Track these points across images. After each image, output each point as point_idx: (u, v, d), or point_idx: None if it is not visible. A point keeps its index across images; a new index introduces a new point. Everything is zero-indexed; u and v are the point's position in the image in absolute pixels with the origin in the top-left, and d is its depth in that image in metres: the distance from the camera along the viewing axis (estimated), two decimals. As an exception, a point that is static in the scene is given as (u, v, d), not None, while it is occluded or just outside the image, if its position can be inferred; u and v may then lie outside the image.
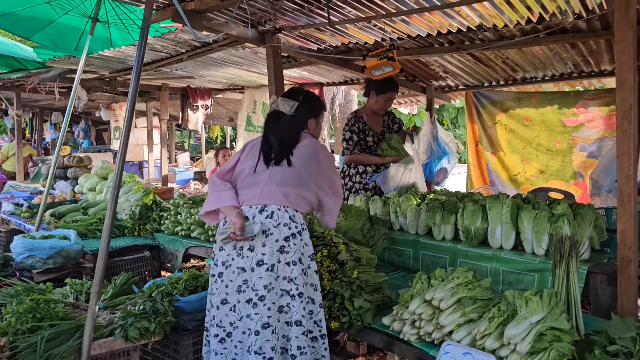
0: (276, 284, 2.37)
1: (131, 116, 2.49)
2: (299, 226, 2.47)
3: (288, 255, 2.40)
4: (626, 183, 2.34)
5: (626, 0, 2.28)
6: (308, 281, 2.43)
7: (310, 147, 2.68)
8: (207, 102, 8.37)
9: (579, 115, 5.89)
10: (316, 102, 2.91)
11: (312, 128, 2.82)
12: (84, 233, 4.69)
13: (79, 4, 5.12)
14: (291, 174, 2.54)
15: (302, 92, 2.88)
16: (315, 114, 2.84)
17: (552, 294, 2.03)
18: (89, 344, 2.40)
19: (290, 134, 2.69)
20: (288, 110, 2.68)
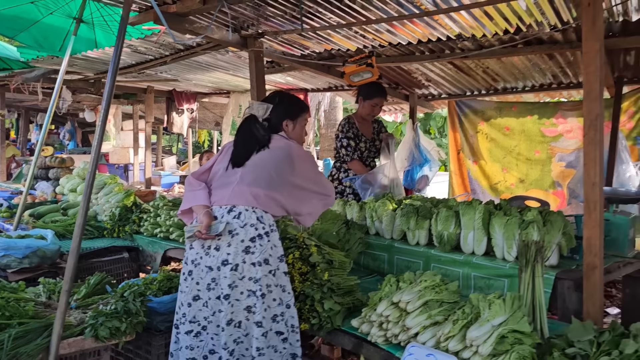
0: (241, 283, 2.37)
1: (105, 116, 2.50)
2: (266, 227, 2.45)
3: (254, 256, 2.38)
4: (592, 191, 2.38)
5: (593, 14, 2.34)
6: (277, 282, 2.42)
7: (282, 149, 2.64)
8: (192, 106, 8.38)
9: (558, 126, 5.99)
10: (293, 103, 2.85)
11: (290, 130, 2.76)
12: (62, 234, 4.66)
13: (63, 5, 5.11)
14: (262, 176, 2.53)
15: (279, 94, 2.88)
16: (291, 115, 2.76)
17: (514, 298, 2.07)
18: (57, 342, 2.39)
19: (254, 136, 2.66)
20: (262, 114, 2.68)
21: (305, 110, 2.89)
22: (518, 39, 3.95)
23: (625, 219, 3.10)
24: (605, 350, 1.81)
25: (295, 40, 4.49)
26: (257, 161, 2.59)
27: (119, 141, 12.08)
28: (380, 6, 3.44)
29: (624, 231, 3.10)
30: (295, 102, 2.89)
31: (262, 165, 2.56)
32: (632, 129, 5.55)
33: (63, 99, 7.47)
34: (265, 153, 2.61)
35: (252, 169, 2.56)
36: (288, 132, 2.76)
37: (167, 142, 22.79)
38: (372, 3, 3.40)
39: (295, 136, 2.79)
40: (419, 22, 3.82)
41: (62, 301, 2.41)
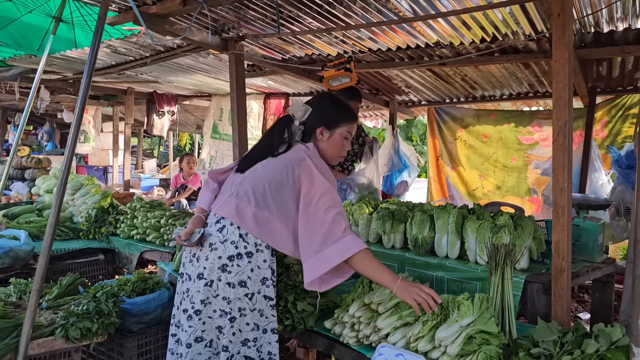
0: (215, 301, 2.19)
1: (81, 115, 2.49)
2: (249, 247, 2.17)
3: (230, 276, 2.16)
4: (560, 196, 2.44)
5: (563, 23, 2.40)
6: (254, 307, 2.18)
7: (293, 161, 2.20)
8: (173, 108, 8.33)
9: (534, 134, 6.12)
10: (334, 108, 2.39)
11: (324, 140, 2.33)
12: (36, 234, 4.59)
13: (42, 4, 5.06)
14: (256, 189, 2.20)
15: (322, 95, 2.52)
16: (328, 122, 2.33)
17: (482, 299, 2.11)
18: (26, 342, 2.36)
19: (270, 139, 2.33)
20: (300, 116, 2.33)
21: (349, 120, 2.39)
22: (494, 48, 4.03)
23: (595, 225, 3.17)
24: (568, 350, 1.86)
25: (277, 44, 4.52)
26: (261, 169, 2.26)
27: (99, 143, 11.92)
28: (361, 13, 3.49)
29: (593, 237, 3.16)
30: (338, 107, 2.41)
31: (261, 176, 2.23)
32: (605, 138, 5.69)
33: (41, 99, 7.37)
34: (271, 161, 2.26)
35: (251, 179, 2.26)
36: (321, 142, 2.34)
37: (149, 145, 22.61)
38: (352, 10, 3.45)
39: (327, 148, 2.34)
40: (399, 29, 3.88)
41: (32, 301, 2.38)
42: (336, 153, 2.38)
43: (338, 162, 2.49)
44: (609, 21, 3.52)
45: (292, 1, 3.36)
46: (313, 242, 2.11)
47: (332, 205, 2.13)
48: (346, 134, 2.37)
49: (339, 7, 3.41)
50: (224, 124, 8.06)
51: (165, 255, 4.11)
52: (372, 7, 3.37)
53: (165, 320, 3.04)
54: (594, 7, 3.23)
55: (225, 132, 8.06)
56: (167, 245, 4.17)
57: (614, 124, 5.66)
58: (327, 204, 2.12)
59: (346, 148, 2.40)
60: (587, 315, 4.58)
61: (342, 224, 2.11)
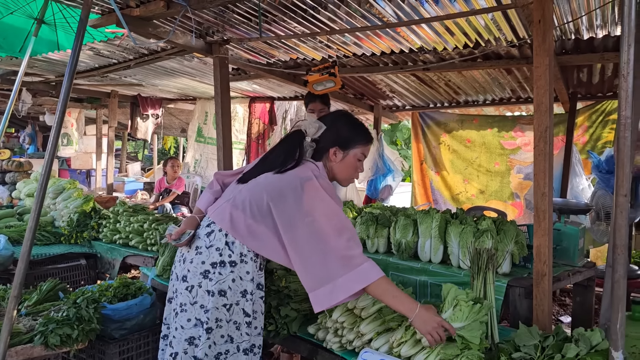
0: (191, 308, 2.12)
1: (62, 116, 2.46)
2: (234, 256, 2.11)
3: (210, 283, 2.10)
4: (542, 200, 2.47)
5: (543, 30, 2.43)
6: (231, 318, 2.12)
7: (297, 178, 2.10)
8: (157, 112, 8.28)
9: (517, 139, 6.19)
10: (350, 129, 2.29)
11: (336, 161, 2.24)
12: (17, 239, 4.51)
13: (24, 5, 5.00)
14: (254, 199, 2.13)
15: (337, 114, 2.42)
16: (340, 142, 2.24)
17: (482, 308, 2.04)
18: (4, 350, 2.32)
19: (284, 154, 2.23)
20: (312, 133, 2.25)
21: (364, 141, 2.30)
22: (477, 53, 4.08)
23: (576, 229, 3.21)
24: (549, 354, 1.88)
25: (261, 48, 4.52)
26: (261, 182, 2.18)
27: (82, 146, 11.77)
28: (346, 18, 3.51)
29: (574, 241, 3.20)
30: (350, 126, 2.31)
31: (261, 189, 2.14)
32: (586, 143, 5.78)
33: (23, 102, 7.26)
34: (276, 176, 2.16)
35: (251, 189, 2.18)
36: (333, 163, 2.26)
37: (133, 148, 22.38)
38: (337, 15, 3.46)
39: (339, 170, 2.27)
40: (383, 34, 3.90)
41: (10, 307, 2.34)
42: (349, 175, 2.30)
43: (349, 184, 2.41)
44: (589, 28, 3.58)
45: (277, 5, 3.36)
46: (325, 268, 1.97)
47: (343, 228, 2.03)
48: (360, 155, 2.28)
49: (323, 12, 3.42)
50: (209, 127, 8.02)
51: (148, 260, 4.07)
52: (356, 12, 3.38)
53: (147, 326, 3.01)
54: (574, 15, 3.29)
55: (210, 135, 8.02)
56: (151, 250, 4.13)
57: (595, 129, 5.75)
58: (336, 226, 2.02)
59: (359, 170, 2.33)
60: (568, 319, 4.63)
61: (357, 249, 2.01)
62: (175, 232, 2.25)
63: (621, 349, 1.68)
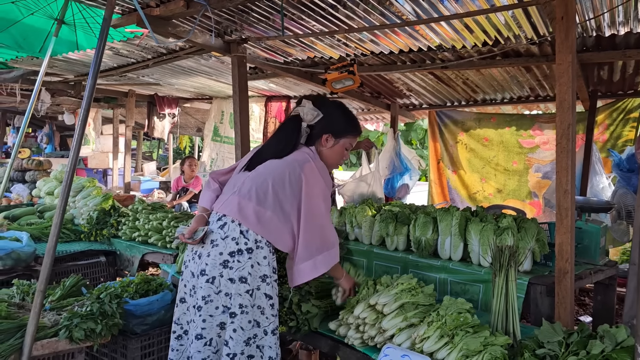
0: (217, 297, 2.22)
1: (86, 117, 2.49)
2: (249, 243, 2.23)
3: (232, 271, 2.21)
4: (564, 198, 2.45)
5: (566, 26, 2.42)
6: (255, 303, 2.23)
7: (296, 163, 2.31)
8: (174, 111, 8.34)
9: (535, 138, 6.13)
10: (342, 119, 2.49)
11: (327, 146, 2.44)
12: (38, 236, 4.60)
13: (45, 6, 5.07)
14: (259, 186, 2.28)
15: (334, 104, 2.58)
16: (335, 131, 2.44)
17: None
18: (30, 343, 2.36)
19: (285, 140, 2.41)
20: (309, 119, 2.42)
21: (353, 132, 2.52)
22: (496, 51, 4.04)
23: (597, 228, 3.18)
24: (573, 351, 1.86)
25: (279, 47, 4.53)
26: (264, 169, 2.34)
27: (99, 145, 11.93)
28: (364, 16, 3.50)
29: (595, 239, 3.18)
30: (345, 117, 2.52)
31: (265, 175, 2.31)
32: (606, 142, 5.70)
33: (42, 101, 7.37)
34: (275, 162, 2.34)
35: (254, 178, 2.33)
36: (323, 148, 2.45)
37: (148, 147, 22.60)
38: (355, 12, 3.46)
39: (328, 155, 2.47)
40: (401, 32, 3.89)
41: (37, 301, 2.38)
42: (335, 161, 2.51)
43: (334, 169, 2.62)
44: (610, 25, 3.53)
45: (295, 4, 3.37)
46: (310, 247, 2.29)
47: (327, 210, 2.36)
48: (348, 145, 2.51)
49: (341, 9, 3.42)
50: (225, 126, 8.06)
51: (167, 257, 4.11)
52: (375, 10, 3.38)
53: (168, 322, 3.04)
54: (596, 11, 3.25)
55: (226, 134, 8.07)
56: (170, 247, 4.17)
57: (615, 127, 5.67)
58: (325, 208, 2.35)
59: (344, 158, 2.55)
60: (588, 319, 4.58)
61: (334, 231, 2.37)
62: (187, 231, 2.34)
63: (648, 346, 1.66)
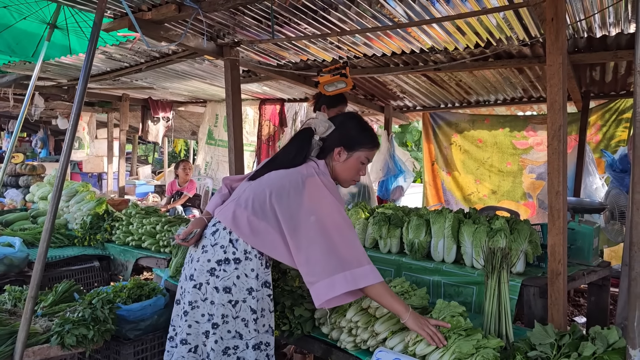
0: (203, 304, 2.17)
1: (76, 120, 2.49)
2: (238, 253, 2.14)
3: (217, 280, 2.15)
4: (556, 199, 2.45)
5: (556, 28, 2.42)
6: (237, 315, 2.15)
7: (300, 175, 2.16)
8: (168, 114, 8.33)
9: (529, 139, 6.15)
10: (356, 131, 2.31)
11: (340, 161, 2.27)
12: (31, 242, 4.57)
13: (37, 10, 5.07)
14: (257, 197, 2.17)
15: (347, 115, 2.47)
16: (347, 143, 2.27)
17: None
18: (21, 350, 2.35)
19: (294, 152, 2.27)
20: (321, 132, 2.29)
21: (370, 146, 2.32)
22: (489, 53, 4.06)
23: (590, 229, 3.19)
24: (565, 353, 1.86)
25: (272, 50, 4.53)
26: (267, 179, 2.23)
27: (93, 149, 11.91)
28: (356, 19, 3.51)
29: (588, 240, 3.18)
30: (360, 128, 2.33)
31: (265, 185, 2.19)
32: (599, 142, 5.73)
33: (35, 106, 7.34)
34: (279, 172, 2.23)
35: (255, 187, 2.23)
36: (336, 162, 2.28)
37: (143, 151, 22.55)
38: (347, 15, 3.46)
39: (341, 170, 2.29)
40: (394, 34, 3.90)
41: (28, 308, 2.36)
42: (350, 176, 2.32)
43: (349, 186, 2.42)
44: (601, 26, 3.55)
45: (287, 7, 3.37)
46: (326, 264, 2.01)
47: (344, 225, 2.08)
48: (364, 159, 2.31)
49: (334, 12, 3.43)
50: (220, 130, 8.06)
51: (161, 261, 4.10)
52: (367, 12, 3.39)
53: (161, 327, 3.03)
54: (587, 12, 3.26)
55: (220, 138, 8.06)
56: (163, 252, 4.16)
57: (608, 128, 5.70)
58: (338, 223, 2.06)
59: (361, 173, 2.36)
60: (582, 319, 4.59)
61: (360, 249, 2.08)
62: (183, 232, 2.31)
63: (638, 347, 1.66)
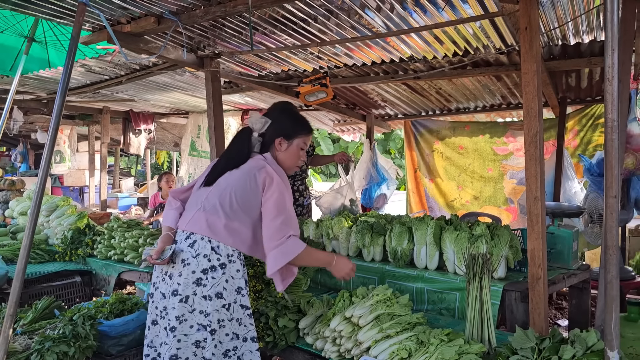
0: (191, 316, 2.19)
1: (55, 134, 2.47)
2: (222, 258, 2.22)
3: (205, 289, 2.18)
4: (534, 204, 2.49)
5: (530, 37, 2.47)
6: (232, 316, 2.23)
7: (253, 169, 2.31)
8: (150, 127, 8.28)
9: (509, 145, 6.23)
10: (291, 120, 2.49)
11: (281, 150, 2.44)
12: (10, 258, 4.49)
13: (14, 24, 5.02)
14: (224, 200, 2.27)
15: (280, 107, 2.57)
16: (285, 133, 2.43)
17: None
18: (0, 369, 2.30)
19: (233, 151, 2.43)
20: (258, 128, 2.41)
21: (304, 132, 2.51)
22: (467, 61, 4.12)
23: (569, 232, 3.23)
24: (545, 356, 1.89)
25: (253, 61, 4.55)
26: (224, 182, 2.34)
27: (75, 163, 11.76)
28: (336, 30, 3.54)
29: (568, 244, 3.23)
30: (294, 118, 2.52)
31: (226, 187, 2.31)
32: (577, 147, 5.82)
33: (14, 120, 7.24)
34: (233, 173, 2.35)
35: (216, 192, 2.32)
36: (278, 152, 2.45)
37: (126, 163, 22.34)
38: (327, 26, 3.49)
39: (284, 158, 2.45)
40: (373, 44, 3.94)
41: (6, 326, 2.33)
42: (293, 162, 2.49)
43: (294, 171, 2.59)
44: (575, 34, 3.63)
45: (267, 18, 3.39)
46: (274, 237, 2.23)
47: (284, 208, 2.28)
48: (302, 144, 2.50)
49: (313, 24, 3.46)
50: (202, 141, 8.03)
51: (144, 275, 4.05)
52: (346, 23, 3.42)
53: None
54: (560, 21, 3.33)
55: (203, 149, 8.03)
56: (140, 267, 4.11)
57: (585, 133, 5.80)
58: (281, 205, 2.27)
59: (302, 158, 2.53)
60: (566, 322, 4.64)
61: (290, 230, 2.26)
62: (155, 252, 2.29)
63: (616, 348, 1.69)
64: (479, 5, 3.04)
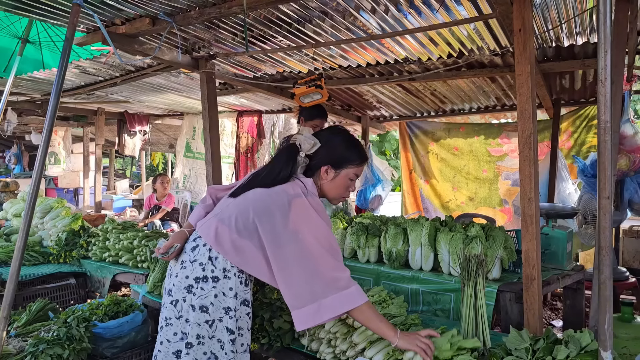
0: (177, 322, 2.08)
1: (49, 135, 2.46)
2: (216, 271, 2.06)
3: (194, 298, 2.05)
4: (528, 206, 2.50)
5: (524, 38, 2.48)
6: (213, 335, 2.07)
7: (284, 194, 2.05)
8: (145, 128, 8.27)
9: (503, 146, 6.26)
10: (341, 146, 2.21)
11: (327, 180, 2.19)
12: (4, 260, 4.47)
13: (8, 25, 5.01)
14: (240, 214, 2.07)
15: (332, 131, 2.32)
16: (334, 161, 2.17)
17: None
18: (-7, 372, 2.29)
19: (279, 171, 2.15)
20: (307, 148, 2.18)
21: (358, 162, 2.22)
22: (461, 63, 4.14)
23: (563, 233, 3.25)
24: (540, 357, 1.89)
25: (248, 62, 4.55)
26: (249, 197, 2.13)
27: (69, 164, 11.73)
28: (331, 31, 3.55)
29: (562, 244, 3.24)
30: (347, 145, 2.22)
31: (248, 203, 2.10)
32: (571, 148, 5.86)
33: (8, 121, 7.22)
34: (265, 191, 2.11)
35: (238, 204, 2.13)
36: (324, 181, 2.20)
37: (121, 165, 22.28)
38: (322, 28, 3.50)
39: (329, 188, 2.21)
40: (368, 46, 3.95)
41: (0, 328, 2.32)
42: (339, 194, 2.25)
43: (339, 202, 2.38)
44: (568, 36, 3.65)
45: (262, 20, 3.39)
46: (310, 288, 1.92)
47: (330, 249, 2.00)
48: (352, 175, 2.22)
49: (308, 25, 3.46)
50: (197, 142, 8.02)
51: (138, 277, 4.04)
52: (341, 25, 3.43)
53: (139, 344, 2.98)
54: (554, 23, 3.35)
55: (198, 150, 8.02)
56: (141, 267, 4.10)
57: (579, 134, 5.83)
58: (324, 247, 1.97)
59: (350, 189, 2.29)
60: (560, 323, 4.66)
61: (345, 272, 2.00)
62: (163, 246, 2.22)
63: (610, 349, 1.70)
64: (473, 7, 3.05)
